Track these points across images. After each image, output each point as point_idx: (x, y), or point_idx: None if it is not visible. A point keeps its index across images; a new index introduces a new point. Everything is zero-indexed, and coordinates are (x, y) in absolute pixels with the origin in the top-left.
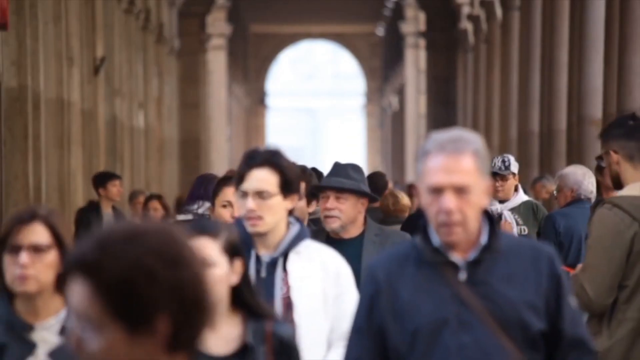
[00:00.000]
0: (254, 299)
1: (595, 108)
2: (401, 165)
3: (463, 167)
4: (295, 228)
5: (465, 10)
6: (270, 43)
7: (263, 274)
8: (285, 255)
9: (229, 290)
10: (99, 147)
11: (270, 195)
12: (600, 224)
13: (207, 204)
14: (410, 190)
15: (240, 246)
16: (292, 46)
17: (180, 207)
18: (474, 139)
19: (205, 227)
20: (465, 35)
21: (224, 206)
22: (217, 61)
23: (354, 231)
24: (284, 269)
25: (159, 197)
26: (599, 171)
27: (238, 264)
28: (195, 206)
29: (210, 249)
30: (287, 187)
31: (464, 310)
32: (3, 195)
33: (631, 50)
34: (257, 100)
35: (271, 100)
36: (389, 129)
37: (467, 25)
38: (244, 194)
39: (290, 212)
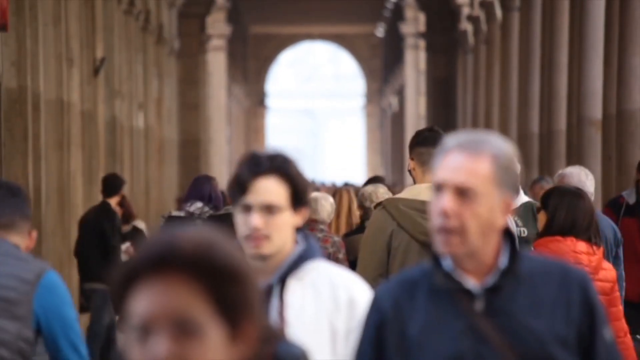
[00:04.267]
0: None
1: (595, 109)
2: (401, 166)
3: (473, 167)
4: (299, 247)
5: (465, 11)
6: (270, 44)
7: None
8: (282, 281)
9: None
10: (98, 148)
11: (280, 210)
12: (370, 223)
13: (198, 204)
14: None
15: None
16: (292, 47)
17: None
18: (499, 145)
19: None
20: (465, 36)
21: None
22: (217, 62)
23: None
24: (280, 299)
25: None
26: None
27: None
28: (188, 205)
29: None
30: (298, 200)
31: (481, 345)
32: None
33: (631, 51)
34: (257, 101)
35: (271, 101)
36: (389, 130)
37: (467, 26)
38: (247, 208)
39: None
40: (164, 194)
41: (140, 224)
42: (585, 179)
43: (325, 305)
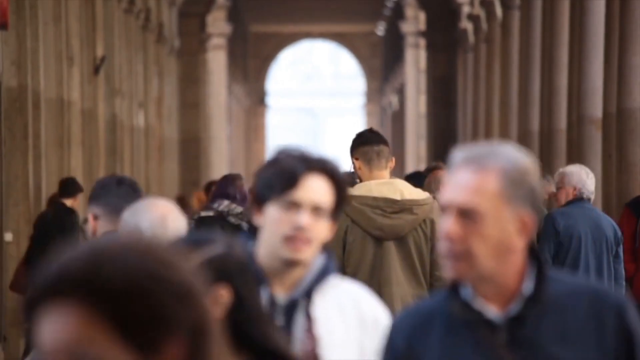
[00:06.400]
0: (261, 335)
1: (595, 108)
2: (401, 165)
3: (478, 185)
4: (319, 260)
5: (466, 9)
6: (270, 43)
7: (279, 321)
8: (308, 295)
9: (226, 325)
10: (99, 147)
11: (326, 215)
12: None
13: (226, 202)
14: None
15: (229, 269)
16: (292, 46)
17: (182, 206)
18: (509, 156)
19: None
20: (465, 35)
21: None
22: (217, 61)
23: None
24: (307, 315)
25: None
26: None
27: (222, 293)
28: (216, 204)
29: None
30: (338, 210)
31: None
32: (3, 195)
33: (631, 50)
34: (257, 100)
35: (271, 100)
36: (389, 128)
37: (467, 24)
38: (293, 205)
39: None
40: (164, 193)
41: None
42: (585, 177)
43: (352, 323)
